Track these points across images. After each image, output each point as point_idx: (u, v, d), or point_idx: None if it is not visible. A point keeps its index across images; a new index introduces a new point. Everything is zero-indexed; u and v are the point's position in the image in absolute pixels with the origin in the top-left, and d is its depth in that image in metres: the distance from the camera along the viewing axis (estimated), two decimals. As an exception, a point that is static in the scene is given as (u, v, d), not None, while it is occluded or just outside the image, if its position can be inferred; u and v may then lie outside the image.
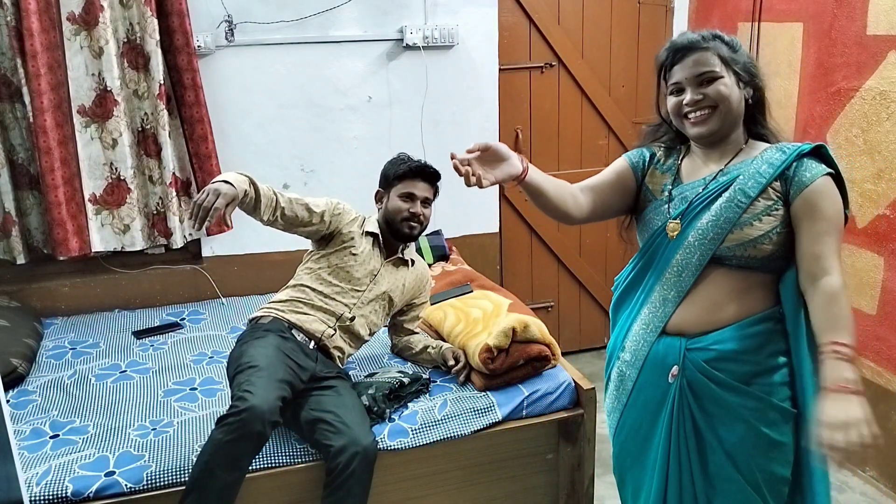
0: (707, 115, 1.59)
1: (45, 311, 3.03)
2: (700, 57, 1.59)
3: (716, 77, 1.58)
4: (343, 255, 2.39)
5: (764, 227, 1.54)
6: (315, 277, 2.39)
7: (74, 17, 2.79)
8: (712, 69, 1.58)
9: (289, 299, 2.38)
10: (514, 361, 2.34)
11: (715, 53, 1.59)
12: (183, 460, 2.05)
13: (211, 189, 2.00)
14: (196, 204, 1.97)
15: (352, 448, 2.02)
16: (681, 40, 1.63)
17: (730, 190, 1.58)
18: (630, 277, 1.76)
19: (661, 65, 1.66)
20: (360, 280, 2.39)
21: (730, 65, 1.59)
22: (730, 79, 1.59)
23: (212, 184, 2.04)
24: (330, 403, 2.14)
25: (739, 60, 1.60)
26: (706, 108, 1.59)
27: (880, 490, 2.73)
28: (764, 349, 1.58)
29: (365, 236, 2.43)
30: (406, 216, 2.40)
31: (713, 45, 1.59)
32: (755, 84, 1.62)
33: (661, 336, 1.65)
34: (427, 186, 2.44)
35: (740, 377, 1.58)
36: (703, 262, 1.59)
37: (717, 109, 1.59)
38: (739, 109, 1.61)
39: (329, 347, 2.34)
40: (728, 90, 1.58)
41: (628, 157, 1.77)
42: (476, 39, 3.28)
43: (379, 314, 2.45)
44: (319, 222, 2.34)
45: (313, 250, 2.47)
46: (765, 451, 1.58)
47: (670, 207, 1.66)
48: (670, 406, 1.65)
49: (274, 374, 2.05)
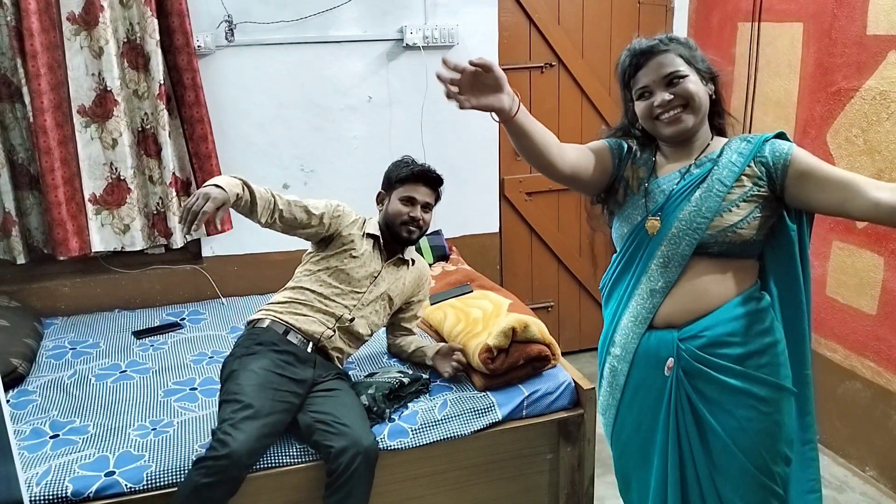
0: (679, 114, 1.62)
1: (45, 311, 3.03)
2: (663, 59, 1.62)
3: (682, 76, 1.61)
4: (343, 258, 2.39)
5: (742, 212, 1.59)
6: (314, 279, 2.39)
7: (74, 17, 2.79)
8: (677, 69, 1.61)
9: (287, 301, 2.37)
10: (515, 362, 2.34)
11: (676, 54, 1.63)
12: (183, 460, 2.04)
13: (201, 193, 2.01)
14: (186, 208, 1.99)
15: (353, 449, 2.02)
16: (640, 45, 1.65)
17: (707, 180, 1.62)
18: (615, 273, 1.77)
19: (625, 71, 1.67)
20: (360, 282, 2.39)
21: (692, 63, 1.63)
22: (694, 76, 1.63)
23: (203, 188, 2.04)
24: (329, 405, 2.14)
25: (698, 57, 1.65)
26: (678, 107, 1.62)
27: (880, 490, 2.73)
28: (752, 329, 1.62)
29: (365, 238, 2.43)
30: (405, 220, 2.39)
31: (673, 47, 1.64)
32: (715, 79, 1.67)
33: (651, 330, 1.67)
34: (429, 191, 2.44)
35: (735, 360, 1.61)
36: (688, 251, 1.62)
37: (688, 107, 1.62)
38: (707, 104, 1.65)
39: (328, 349, 2.33)
40: (696, 86, 1.62)
41: (607, 141, 1.76)
42: (476, 39, 3.28)
43: (380, 314, 2.45)
44: (318, 224, 2.33)
45: (312, 252, 2.46)
46: (769, 432, 1.61)
47: (648, 202, 1.68)
48: (668, 399, 1.66)
49: (260, 412, 2.02)
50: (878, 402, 2.72)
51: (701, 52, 1.68)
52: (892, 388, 2.66)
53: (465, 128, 3.33)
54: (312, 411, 2.12)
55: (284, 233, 2.33)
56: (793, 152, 1.58)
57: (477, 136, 3.37)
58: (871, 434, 2.76)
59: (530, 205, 3.64)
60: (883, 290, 2.65)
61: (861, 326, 2.75)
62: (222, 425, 1.98)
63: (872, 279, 2.68)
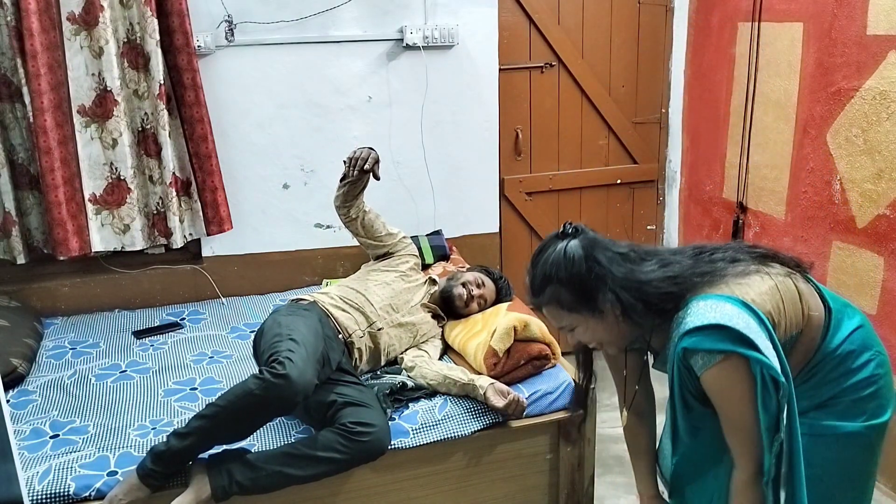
0: (602, 348, 1.56)
1: (45, 311, 3.03)
2: (548, 312, 1.50)
3: (573, 328, 1.49)
4: (395, 276, 2.64)
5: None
6: (370, 283, 2.58)
7: (74, 17, 2.79)
8: (562, 324, 1.50)
9: (336, 295, 2.51)
10: (516, 363, 2.35)
11: (555, 306, 1.47)
12: (183, 460, 2.04)
13: (366, 148, 2.43)
14: (353, 158, 2.41)
15: (373, 426, 2.05)
16: (528, 297, 1.53)
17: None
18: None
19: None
20: (400, 306, 2.56)
21: (576, 308, 1.45)
22: (586, 319, 1.46)
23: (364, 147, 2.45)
24: (349, 390, 2.18)
25: (579, 292, 1.44)
26: (591, 344, 1.55)
27: (880, 490, 2.73)
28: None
29: (427, 284, 2.72)
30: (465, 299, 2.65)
31: (549, 296, 1.46)
32: (606, 300, 1.43)
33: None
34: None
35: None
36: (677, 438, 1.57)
37: (601, 345, 1.54)
38: (619, 327, 1.47)
39: (353, 346, 2.39)
40: (591, 330, 1.48)
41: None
42: (476, 39, 3.28)
43: (403, 341, 2.54)
44: (389, 243, 2.71)
45: (376, 263, 2.73)
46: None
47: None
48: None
49: (314, 354, 2.10)
50: (878, 401, 2.72)
51: (581, 273, 1.42)
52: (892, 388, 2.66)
53: (465, 128, 3.33)
54: (336, 392, 2.16)
55: (356, 235, 2.67)
56: (704, 384, 1.39)
57: (477, 136, 3.37)
58: (871, 434, 2.76)
59: (530, 205, 3.64)
60: (883, 290, 2.65)
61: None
62: (281, 352, 2.01)
63: (872, 279, 2.68)
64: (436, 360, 2.49)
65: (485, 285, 2.68)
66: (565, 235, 1.49)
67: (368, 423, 2.05)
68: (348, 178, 2.47)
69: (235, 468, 1.98)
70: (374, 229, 2.67)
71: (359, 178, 2.48)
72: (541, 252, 1.50)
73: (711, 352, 1.34)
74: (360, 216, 2.61)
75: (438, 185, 3.32)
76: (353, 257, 3.17)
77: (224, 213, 3.07)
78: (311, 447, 2.03)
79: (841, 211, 2.78)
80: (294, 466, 2.01)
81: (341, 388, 2.17)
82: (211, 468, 1.98)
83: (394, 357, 2.53)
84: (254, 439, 2.11)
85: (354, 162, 2.42)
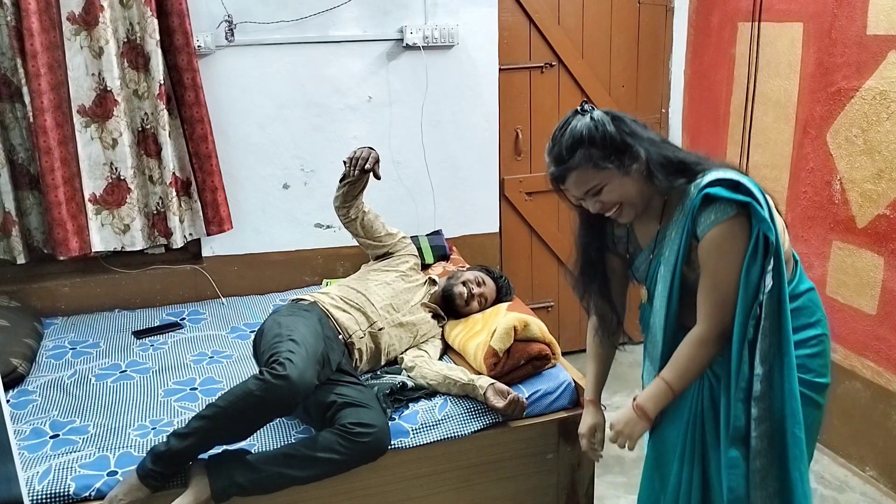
0: (619, 211, 1.63)
1: (45, 311, 3.03)
2: (577, 176, 1.58)
3: (602, 187, 1.58)
4: (395, 276, 2.64)
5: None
6: (370, 283, 2.57)
7: (74, 16, 2.79)
8: (591, 185, 1.58)
9: (336, 295, 2.51)
10: (516, 363, 2.34)
11: (587, 166, 1.56)
12: (183, 460, 2.04)
13: (366, 148, 2.44)
14: (353, 157, 2.42)
15: (373, 427, 2.05)
16: (552, 169, 1.62)
17: (665, 253, 1.63)
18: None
19: (554, 181, 1.66)
20: (400, 305, 2.55)
21: (605, 164, 1.56)
22: (615, 176, 1.57)
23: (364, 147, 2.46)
24: (349, 390, 2.18)
25: (610, 148, 1.56)
26: (613, 208, 1.62)
27: (880, 490, 2.73)
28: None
29: (427, 284, 2.72)
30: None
31: (579, 159, 1.56)
32: (636, 155, 1.57)
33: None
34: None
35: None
36: (670, 323, 1.66)
37: (622, 205, 1.61)
38: (642, 187, 1.60)
39: (353, 347, 2.39)
40: (619, 188, 1.58)
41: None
42: (476, 39, 3.28)
43: (403, 341, 2.53)
44: (389, 243, 2.72)
45: (376, 263, 2.74)
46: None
47: (634, 273, 1.78)
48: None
49: (314, 355, 2.11)
50: (878, 402, 2.72)
51: (609, 132, 1.56)
52: (892, 388, 2.66)
53: (465, 128, 3.33)
54: (335, 393, 2.15)
55: (355, 235, 2.68)
56: (703, 243, 1.54)
57: (477, 136, 3.37)
58: (871, 434, 2.76)
59: (530, 205, 3.64)
60: (883, 290, 2.65)
61: (861, 326, 2.75)
62: (281, 353, 2.02)
63: (872, 279, 2.68)
64: (436, 360, 2.49)
65: (485, 284, 2.68)
66: (584, 112, 1.61)
67: (368, 424, 2.05)
68: (348, 177, 2.48)
69: (235, 469, 1.98)
70: (373, 230, 2.68)
71: (359, 178, 2.49)
72: (563, 126, 1.61)
73: (730, 202, 1.48)
74: (360, 216, 2.63)
75: (438, 184, 3.33)
76: (353, 257, 3.17)
77: (224, 213, 3.07)
78: (310, 448, 2.03)
79: (841, 211, 2.78)
80: (294, 467, 2.01)
81: (341, 389, 2.17)
82: (211, 469, 1.98)
83: (394, 357, 2.53)
84: (254, 440, 2.11)
85: (355, 162, 2.43)
